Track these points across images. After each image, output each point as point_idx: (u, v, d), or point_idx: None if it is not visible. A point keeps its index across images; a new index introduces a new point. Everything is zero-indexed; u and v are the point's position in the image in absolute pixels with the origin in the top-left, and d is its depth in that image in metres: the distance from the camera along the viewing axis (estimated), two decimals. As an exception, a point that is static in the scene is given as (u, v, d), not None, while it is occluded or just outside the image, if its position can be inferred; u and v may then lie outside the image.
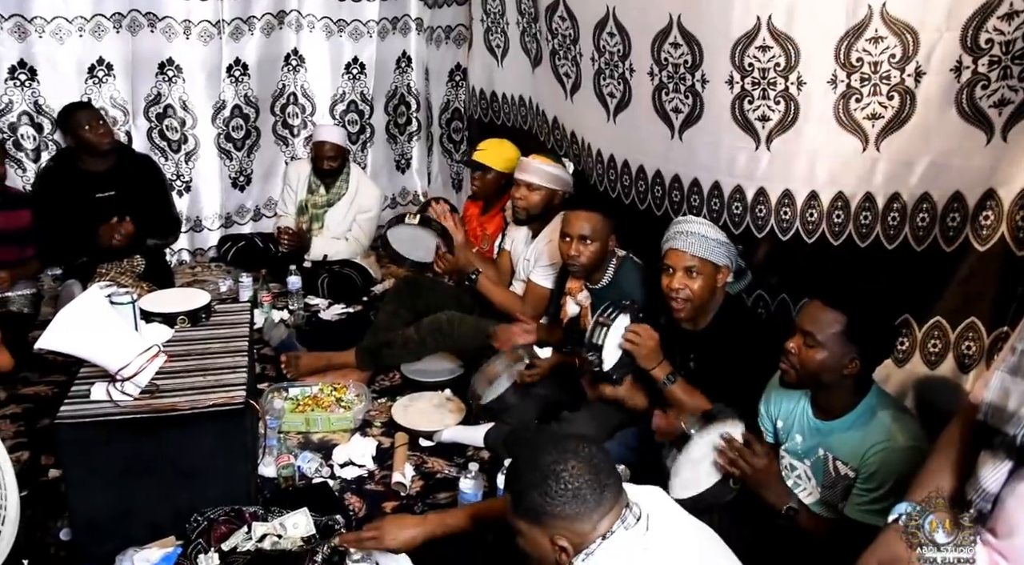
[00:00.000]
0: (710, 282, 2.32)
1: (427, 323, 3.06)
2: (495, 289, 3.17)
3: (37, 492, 2.27)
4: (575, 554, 1.34)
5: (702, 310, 2.36)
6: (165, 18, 4.02)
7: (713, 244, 2.31)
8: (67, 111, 3.59)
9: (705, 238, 2.31)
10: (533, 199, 3.08)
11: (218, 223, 4.52)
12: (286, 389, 2.93)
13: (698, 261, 2.30)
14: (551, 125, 3.70)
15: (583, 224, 2.63)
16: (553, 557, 1.36)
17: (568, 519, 1.34)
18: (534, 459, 1.38)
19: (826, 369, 1.82)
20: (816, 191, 2.43)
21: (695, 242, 2.31)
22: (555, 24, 3.38)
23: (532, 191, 3.07)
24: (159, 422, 2.02)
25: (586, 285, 2.78)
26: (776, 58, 2.39)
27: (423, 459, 2.64)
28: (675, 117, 2.80)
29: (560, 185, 3.10)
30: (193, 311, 2.50)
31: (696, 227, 2.34)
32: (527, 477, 1.38)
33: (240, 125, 4.44)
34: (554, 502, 1.33)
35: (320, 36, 4.52)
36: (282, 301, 3.83)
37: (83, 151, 3.55)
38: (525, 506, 1.37)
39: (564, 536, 1.34)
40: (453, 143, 4.92)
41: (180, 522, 2.06)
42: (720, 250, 2.32)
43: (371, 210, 4.13)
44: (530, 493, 1.35)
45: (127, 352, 2.04)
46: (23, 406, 2.87)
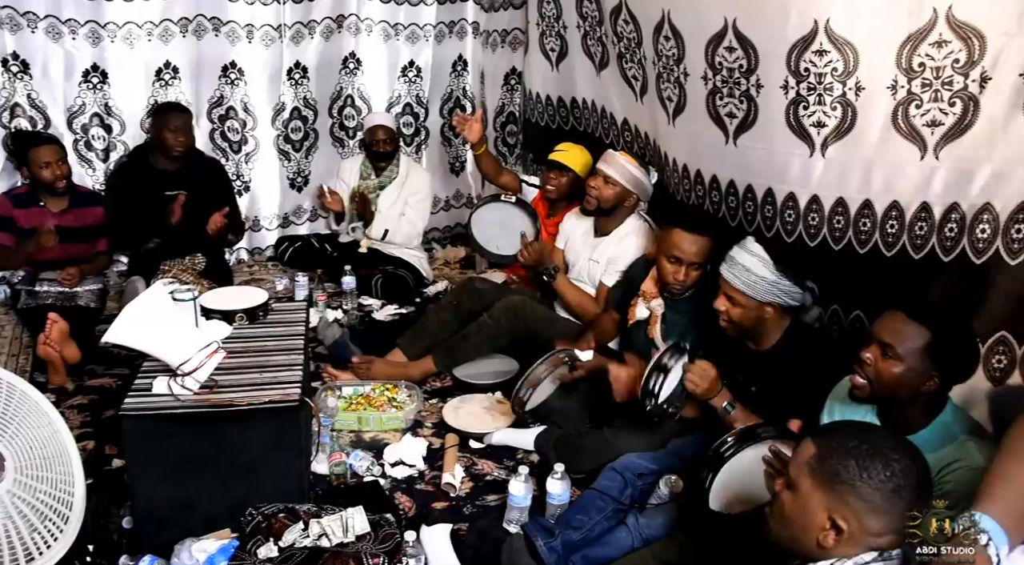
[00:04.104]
0: (750, 314, 2.27)
1: (500, 306, 3.05)
2: (572, 288, 3.17)
3: (101, 481, 2.34)
4: (839, 545, 1.26)
5: (759, 333, 2.31)
6: (229, 23, 4.12)
7: (757, 280, 2.23)
8: (162, 108, 3.78)
9: (750, 273, 2.24)
10: (607, 192, 3.06)
11: (276, 223, 4.62)
12: (339, 388, 2.99)
13: (738, 293, 2.26)
14: (620, 127, 3.69)
15: (695, 251, 2.57)
16: (816, 532, 1.28)
17: (866, 509, 1.25)
18: (869, 434, 1.30)
19: (903, 384, 1.74)
20: (870, 200, 2.39)
21: (739, 275, 2.26)
22: (619, 27, 3.38)
23: (608, 184, 3.06)
24: (217, 417, 2.06)
25: (663, 293, 2.73)
26: (833, 63, 2.35)
27: (473, 461, 2.66)
28: (729, 122, 2.77)
29: (636, 188, 3.08)
30: (251, 309, 2.53)
31: (747, 260, 2.26)
32: (851, 444, 1.28)
33: (299, 127, 4.53)
34: (868, 483, 1.24)
35: (378, 40, 4.58)
36: (336, 301, 3.90)
37: (158, 149, 3.72)
38: (829, 467, 1.27)
39: (846, 520, 1.26)
40: (507, 146, 4.94)
41: (235, 515, 2.09)
42: (765, 288, 2.23)
43: (421, 191, 4.19)
44: (847, 459, 1.26)
45: (188, 348, 2.10)
46: (89, 397, 2.97)
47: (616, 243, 3.08)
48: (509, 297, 3.09)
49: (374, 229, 4.07)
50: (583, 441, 2.56)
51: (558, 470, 2.30)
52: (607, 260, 3.08)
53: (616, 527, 2.15)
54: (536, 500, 2.31)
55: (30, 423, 1.98)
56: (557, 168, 3.46)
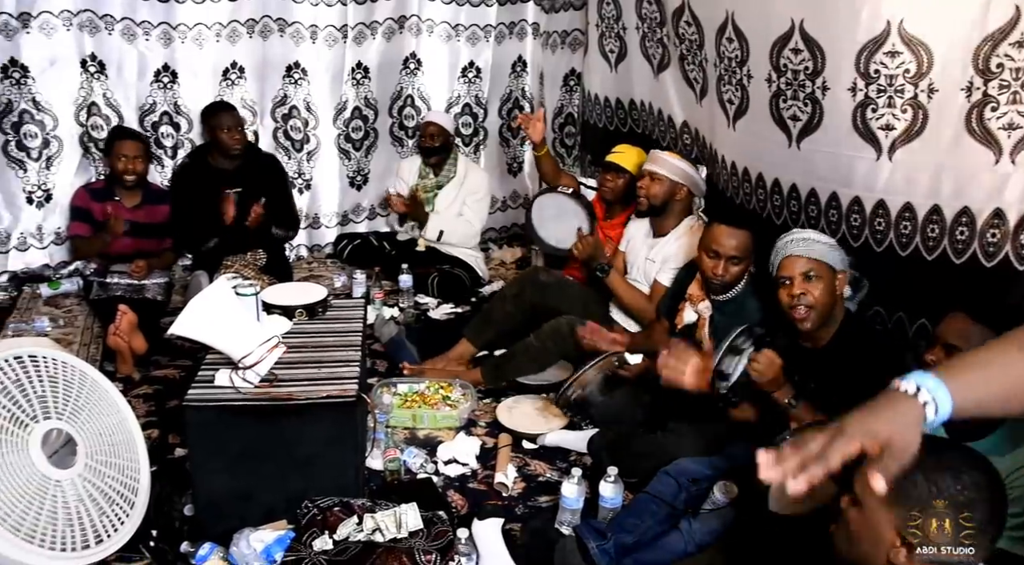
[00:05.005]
0: (830, 286, 2.22)
1: (547, 329, 3.05)
2: (624, 286, 3.16)
3: (165, 469, 2.40)
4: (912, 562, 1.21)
5: (825, 321, 2.26)
6: (294, 23, 4.19)
7: (827, 247, 2.24)
8: (212, 109, 3.87)
9: (817, 242, 2.24)
10: (655, 189, 3.06)
11: (335, 221, 4.69)
12: (395, 385, 3.02)
13: (815, 264, 2.21)
14: (679, 129, 3.66)
15: (734, 244, 2.56)
16: (886, 549, 1.24)
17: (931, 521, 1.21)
18: (936, 446, 1.25)
19: None
20: (939, 205, 2.32)
21: (809, 246, 2.24)
22: (681, 29, 3.35)
23: (654, 180, 3.06)
24: (276, 410, 2.10)
25: (709, 295, 2.71)
26: (906, 64, 2.29)
27: (526, 461, 2.66)
28: (793, 125, 2.72)
29: (685, 180, 3.06)
30: (311, 305, 2.57)
31: (806, 233, 2.28)
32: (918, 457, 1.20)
33: (359, 126, 4.59)
34: (939, 498, 1.21)
35: (439, 40, 4.62)
36: (393, 299, 3.94)
37: (215, 149, 3.81)
38: (897, 483, 1.19)
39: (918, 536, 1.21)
40: (565, 148, 4.93)
41: (292, 507, 2.14)
42: (835, 253, 2.25)
43: (479, 191, 4.20)
44: (915, 473, 1.20)
45: (250, 341, 2.14)
46: (154, 387, 3.05)
47: (673, 242, 3.07)
48: (558, 320, 3.07)
49: (429, 230, 4.10)
50: (637, 445, 2.53)
51: (611, 473, 2.28)
52: (663, 259, 3.07)
53: (669, 532, 2.13)
54: (588, 503, 2.30)
55: (100, 411, 2.05)
56: (613, 170, 3.45)
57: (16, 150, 3.85)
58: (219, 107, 3.89)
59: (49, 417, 1.90)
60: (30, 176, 3.91)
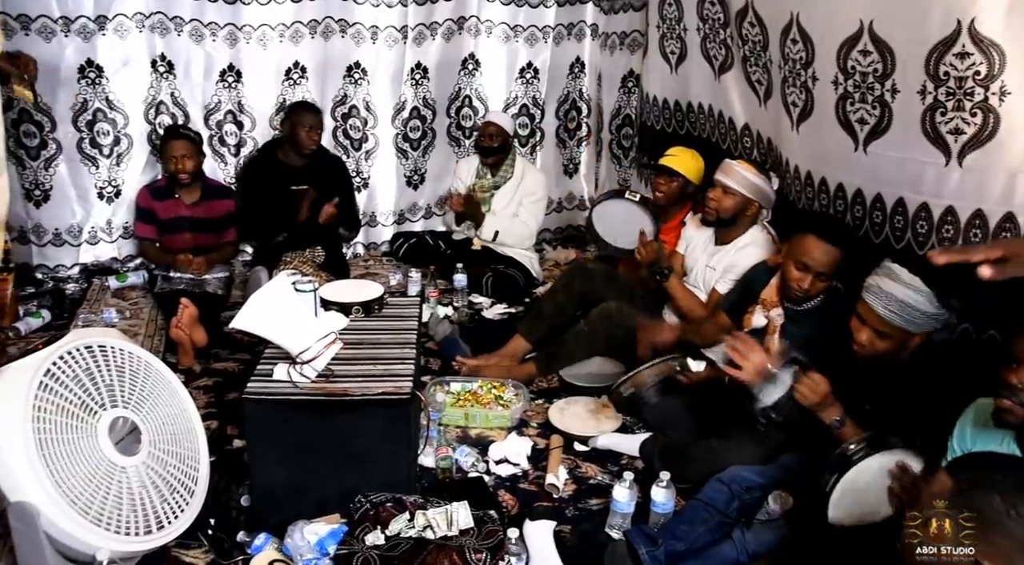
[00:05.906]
0: (899, 345, 2.10)
1: (596, 313, 3.09)
2: (683, 291, 3.13)
3: (223, 460, 2.45)
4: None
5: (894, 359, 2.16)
6: (355, 24, 4.26)
7: (918, 316, 2.03)
8: (297, 107, 3.97)
9: (908, 308, 2.03)
10: (726, 203, 2.97)
11: (392, 219, 4.74)
12: (448, 383, 3.04)
13: (892, 328, 2.07)
14: (740, 132, 3.60)
15: (826, 261, 2.47)
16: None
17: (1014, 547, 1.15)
18: (1012, 466, 1.23)
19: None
20: (1013, 212, 2.23)
21: (896, 311, 2.04)
22: (744, 30, 3.30)
23: (727, 194, 2.96)
24: (332, 405, 2.14)
25: (784, 302, 2.63)
26: (976, 66, 2.22)
27: (577, 463, 2.65)
28: (860, 128, 2.66)
29: (758, 196, 2.97)
30: (367, 302, 2.61)
31: (903, 293, 2.03)
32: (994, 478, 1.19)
33: (417, 126, 4.63)
34: (1016, 520, 1.16)
35: (497, 41, 4.64)
36: (448, 298, 3.96)
37: (290, 145, 3.91)
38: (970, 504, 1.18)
39: (993, 560, 1.16)
40: (622, 149, 4.90)
41: (345, 501, 2.17)
42: (922, 321, 2.05)
43: (536, 192, 4.21)
44: (990, 495, 1.16)
45: (308, 337, 2.18)
46: (214, 380, 3.13)
47: (735, 252, 3.00)
48: (607, 303, 3.11)
49: (484, 231, 4.12)
50: (690, 450, 2.50)
51: (663, 478, 2.26)
52: (724, 268, 3.01)
53: (721, 540, 2.10)
54: (639, 507, 2.29)
55: (163, 401, 2.11)
56: (667, 173, 3.41)
57: (89, 147, 3.99)
58: (307, 106, 3.99)
59: (116, 405, 1.96)
60: (101, 172, 4.05)
